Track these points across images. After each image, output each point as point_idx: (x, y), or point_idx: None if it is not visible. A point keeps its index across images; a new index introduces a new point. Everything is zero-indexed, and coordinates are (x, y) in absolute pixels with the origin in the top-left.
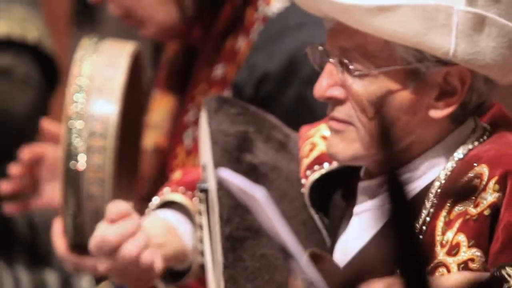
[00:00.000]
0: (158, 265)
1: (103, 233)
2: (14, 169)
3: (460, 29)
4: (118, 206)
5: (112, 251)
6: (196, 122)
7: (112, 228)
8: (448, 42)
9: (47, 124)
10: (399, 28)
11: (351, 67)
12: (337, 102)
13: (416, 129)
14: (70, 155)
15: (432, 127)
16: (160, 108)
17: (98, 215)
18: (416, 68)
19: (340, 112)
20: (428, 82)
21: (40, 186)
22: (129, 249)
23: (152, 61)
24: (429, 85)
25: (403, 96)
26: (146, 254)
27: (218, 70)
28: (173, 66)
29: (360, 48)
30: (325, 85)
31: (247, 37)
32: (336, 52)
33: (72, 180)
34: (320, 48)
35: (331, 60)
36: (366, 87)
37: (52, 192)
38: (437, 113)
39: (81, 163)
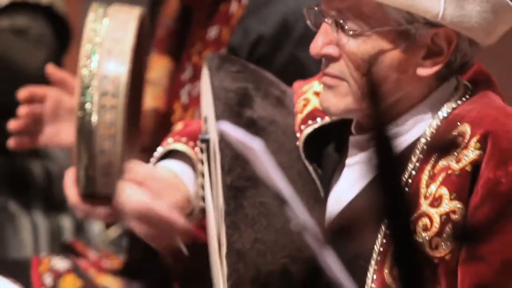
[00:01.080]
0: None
1: (135, 197)
2: (20, 109)
3: None
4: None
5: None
6: (191, 80)
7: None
8: (438, 5)
9: (52, 70)
10: None
11: (346, 27)
12: (331, 59)
13: (404, 86)
14: (84, 113)
15: (419, 84)
16: (158, 67)
17: (110, 168)
18: (407, 29)
19: (333, 68)
20: (417, 42)
21: (43, 125)
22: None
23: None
24: (418, 45)
25: (394, 55)
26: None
27: (212, 32)
28: (170, 28)
29: (354, 9)
30: (321, 44)
31: (239, 1)
32: (332, 12)
33: (86, 136)
34: (316, 9)
35: (326, 20)
36: (360, 46)
37: (53, 132)
38: (424, 71)
39: (94, 121)
